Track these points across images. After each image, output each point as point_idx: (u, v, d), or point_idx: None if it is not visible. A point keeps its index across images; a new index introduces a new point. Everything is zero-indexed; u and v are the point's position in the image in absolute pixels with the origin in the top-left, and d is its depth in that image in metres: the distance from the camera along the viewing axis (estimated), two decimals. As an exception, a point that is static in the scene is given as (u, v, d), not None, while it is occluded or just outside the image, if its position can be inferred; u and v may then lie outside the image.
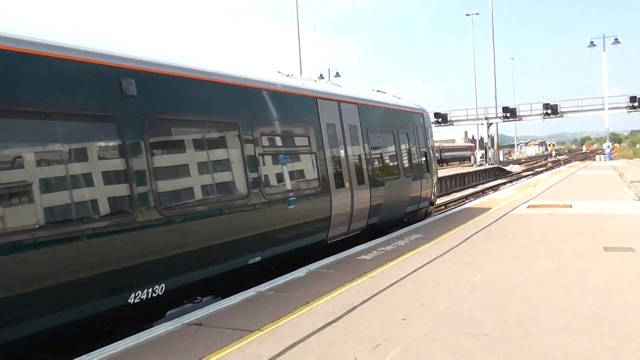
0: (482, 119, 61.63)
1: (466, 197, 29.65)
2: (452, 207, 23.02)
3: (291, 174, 10.22)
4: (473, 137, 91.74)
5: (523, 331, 5.67)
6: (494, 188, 34.06)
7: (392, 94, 16.76)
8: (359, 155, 12.62)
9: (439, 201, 22.32)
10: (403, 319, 6.20)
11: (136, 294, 6.63)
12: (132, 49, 7.37)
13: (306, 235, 10.35)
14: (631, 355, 4.96)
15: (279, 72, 11.33)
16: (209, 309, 6.92)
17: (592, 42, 51.60)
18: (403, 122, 15.71)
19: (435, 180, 17.64)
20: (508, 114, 59.16)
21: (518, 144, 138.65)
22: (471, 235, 11.70)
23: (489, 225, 13.16)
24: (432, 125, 20.27)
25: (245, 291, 7.74)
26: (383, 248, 10.61)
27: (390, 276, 8.24)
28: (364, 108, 13.27)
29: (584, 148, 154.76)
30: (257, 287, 7.97)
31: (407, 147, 15.54)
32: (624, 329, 5.63)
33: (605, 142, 56.57)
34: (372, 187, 12.80)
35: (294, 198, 9.91)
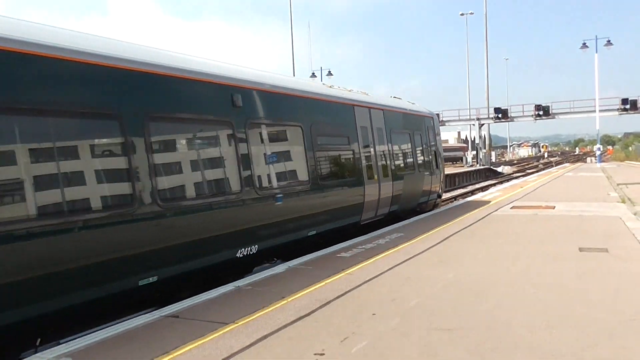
0: (474, 119, 61.95)
1: (454, 197, 29.88)
2: (438, 207, 23.26)
3: (338, 168, 12.87)
4: (466, 138, 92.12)
5: (488, 326, 5.87)
6: (483, 189, 34.32)
7: (406, 100, 19.01)
8: (384, 153, 15.05)
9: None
10: (373, 314, 6.40)
11: (241, 251, 9.14)
12: (236, 72, 10.02)
13: (347, 216, 12.84)
14: (588, 348, 5.16)
15: (323, 84, 14.23)
16: (187, 303, 7.10)
17: (584, 44, 51.88)
18: (417, 125, 18.10)
19: (442, 176, 20.26)
20: (500, 115, 59.52)
21: (511, 145, 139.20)
22: (451, 235, 11.91)
23: (470, 225, 13.38)
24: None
25: (224, 285, 7.93)
26: (363, 246, 10.82)
27: (367, 273, 8.44)
28: (388, 113, 15.68)
29: (577, 150, 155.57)
30: (236, 281, 8.16)
31: (421, 146, 17.99)
32: (585, 324, 5.84)
33: (596, 144, 56.97)
34: (394, 180, 15.27)
35: (340, 187, 12.54)
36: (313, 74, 52.85)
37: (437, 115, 65.57)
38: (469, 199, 23.17)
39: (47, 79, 6.38)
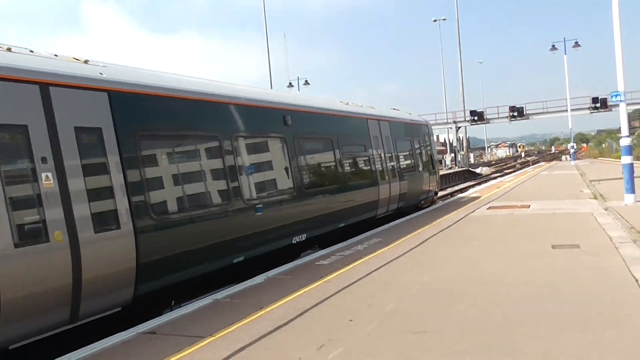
0: (451, 122, 62.50)
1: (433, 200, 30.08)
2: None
3: (359, 171, 15.51)
4: (444, 141, 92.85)
5: (462, 328, 5.99)
6: (462, 190, 34.63)
7: (404, 110, 21.86)
8: (392, 158, 17.62)
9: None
10: (350, 320, 6.48)
11: (295, 239, 11.59)
12: (285, 97, 13.24)
13: (367, 211, 15.38)
14: (557, 344, 5.29)
15: (341, 102, 16.47)
16: (164, 318, 7.12)
17: (553, 46, 52.66)
18: (416, 132, 20.87)
19: (438, 176, 23.22)
20: (476, 117, 60.10)
21: (489, 146, 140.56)
22: (428, 238, 12.05)
23: (447, 227, 13.54)
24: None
25: (202, 298, 7.96)
26: (342, 253, 10.91)
27: (345, 280, 8.53)
28: (392, 123, 18.44)
29: (553, 148, 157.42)
30: (214, 294, 8.19)
31: (420, 150, 20.67)
32: (555, 320, 5.98)
33: (570, 142, 57.79)
34: (400, 180, 17.79)
35: (361, 187, 15.09)
36: (290, 83, 52.99)
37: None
38: (447, 201, 23.40)
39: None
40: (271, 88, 40.58)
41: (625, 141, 16.58)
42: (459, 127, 63.39)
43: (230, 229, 9.49)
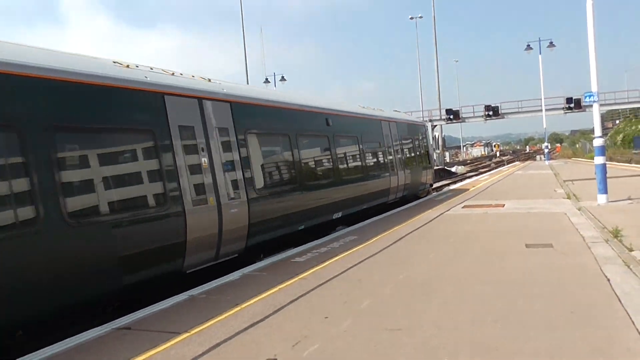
0: (426, 121, 62.86)
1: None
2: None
3: (375, 165, 18.36)
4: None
5: (436, 325, 6.05)
6: (438, 189, 34.89)
7: (403, 112, 25.92)
8: (399, 153, 20.82)
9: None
10: (325, 317, 6.51)
11: (334, 215, 14.76)
12: (326, 103, 16.11)
13: (382, 197, 18.67)
14: (529, 340, 5.38)
15: (359, 105, 19.14)
16: (139, 314, 7.07)
17: (528, 45, 53.21)
18: (416, 132, 24.06)
19: (433, 170, 26.92)
20: (451, 116, 60.70)
21: (464, 145, 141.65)
22: (404, 236, 12.14)
23: (423, 226, 13.65)
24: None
25: (177, 295, 7.92)
26: (317, 250, 10.93)
27: (320, 277, 8.56)
28: (399, 124, 21.59)
29: (528, 148, 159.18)
30: (190, 290, 8.15)
31: (419, 148, 23.98)
32: (527, 318, 6.07)
33: (544, 142, 58.58)
34: (405, 173, 20.90)
35: (378, 177, 18.32)
36: (266, 79, 52.84)
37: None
38: (423, 199, 23.54)
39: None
40: (247, 83, 40.49)
41: (598, 142, 16.85)
42: (435, 126, 63.87)
43: (298, 204, 12.68)
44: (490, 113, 59.07)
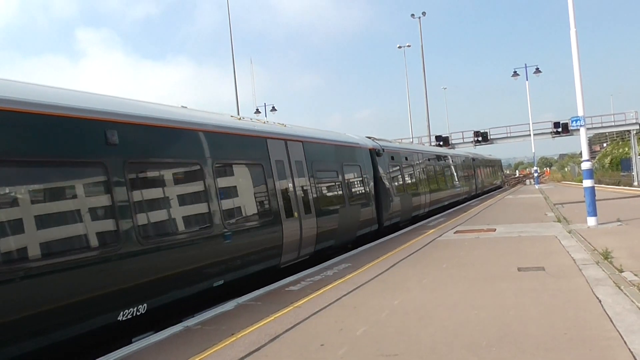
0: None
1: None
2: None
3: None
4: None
5: (432, 349, 6.09)
6: (429, 213, 34.94)
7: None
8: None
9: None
10: (322, 345, 6.53)
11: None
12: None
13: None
14: (524, 365, 5.43)
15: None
16: (135, 347, 7.05)
17: (515, 72, 53.99)
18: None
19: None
20: (441, 142, 60.99)
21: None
22: (397, 262, 12.18)
23: (415, 252, 13.70)
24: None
25: (173, 326, 7.90)
26: (311, 278, 10.95)
27: (315, 305, 8.57)
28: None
29: (517, 173, 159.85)
30: (185, 321, 8.15)
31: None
32: (522, 341, 6.12)
33: (534, 166, 59.00)
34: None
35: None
36: (257, 110, 53.15)
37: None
38: (415, 225, 23.60)
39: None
40: (238, 114, 40.65)
41: (586, 165, 17.09)
42: (426, 152, 64.10)
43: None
44: (480, 139, 59.55)
